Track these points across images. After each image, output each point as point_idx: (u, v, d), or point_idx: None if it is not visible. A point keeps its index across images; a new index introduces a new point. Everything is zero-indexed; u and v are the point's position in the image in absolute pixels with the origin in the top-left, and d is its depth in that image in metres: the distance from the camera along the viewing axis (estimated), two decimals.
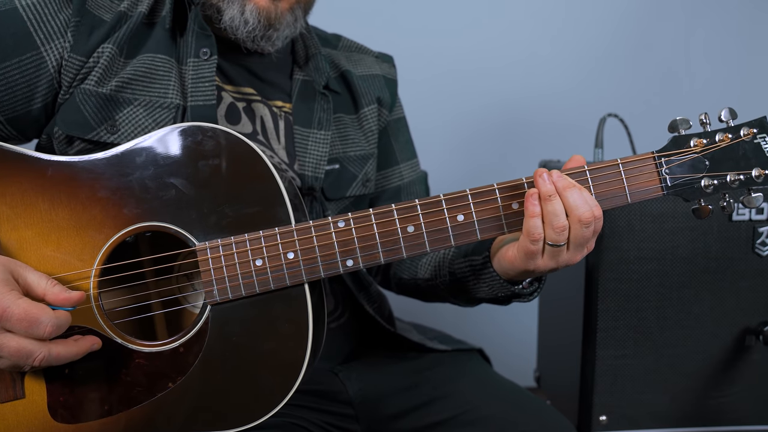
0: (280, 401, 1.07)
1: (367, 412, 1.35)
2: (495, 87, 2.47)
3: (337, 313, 1.41)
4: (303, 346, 1.07)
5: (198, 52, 1.26)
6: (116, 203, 1.08)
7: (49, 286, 1.01)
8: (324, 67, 1.42)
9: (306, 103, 1.38)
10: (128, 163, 1.08)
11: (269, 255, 1.07)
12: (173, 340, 1.08)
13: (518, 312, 2.39)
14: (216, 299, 1.07)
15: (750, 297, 1.67)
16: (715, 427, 1.71)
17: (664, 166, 1.09)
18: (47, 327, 0.97)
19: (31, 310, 0.97)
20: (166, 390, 1.08)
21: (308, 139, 1.36)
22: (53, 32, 1.19)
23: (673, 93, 2.51)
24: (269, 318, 1.08)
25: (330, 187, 1.38)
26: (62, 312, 1.00)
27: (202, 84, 1.25)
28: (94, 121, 1.20)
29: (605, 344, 1.68)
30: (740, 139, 1.07)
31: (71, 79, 1.20)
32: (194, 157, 1.08)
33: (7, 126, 1.23)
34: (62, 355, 1.02)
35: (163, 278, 1.10)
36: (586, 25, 2.47)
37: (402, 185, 1.55)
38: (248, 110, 1.33)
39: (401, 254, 1.08)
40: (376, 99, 1.51)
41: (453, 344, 1.49)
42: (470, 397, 1.32)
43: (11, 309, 0.96)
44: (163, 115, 1.22)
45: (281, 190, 1.07)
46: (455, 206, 1.08)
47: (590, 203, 1.04)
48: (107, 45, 1.21)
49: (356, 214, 1.08)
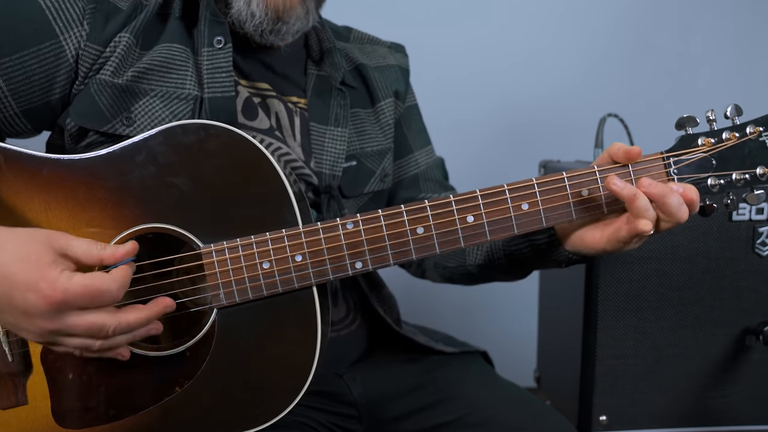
0: (288, 405, 1.05)
1: (371, 413, 1.32)
2: (494, 87, 2.46)
3: (348, 320, 1.37)
4: (312, 350, 1.04)
5: (212, 41, 1.21)
6: (116, 204, 1.03)
7: (100, 250, 0.96)
8: (340, 63, 1.37)
9: (322, 99, 1.34)
10: (128, 161, 1.03)
11: (276, 257, 1.03)
12: (179, 344, 1.05)
13: (518, 312, 2.45)
14: (223, 303, 1.04)
15: (750, 297, 1.65)
16: (715, 427, 1.69)
17: (673, 166, 1.07)
18: (111, 293, 0.93)
19: (89, 284, 0.92)
20: (173, 394, 1.05)
21: (325, 136, 1.31)
22: (72, 20, 1.14)
23: (673, 93, 2.51)
24: (277, 321, 1.05)
25: (348, 184, 1.34)
26: (119, 271, 0.95)
27: (218, 74, 1.20)
28: (110, 113, 1.15)
29: (605, 344, 1.66)
30: (747, 137, 1.05)
31: (87, 69, 1.15)
32: (197, 156, 1.03)
33: (22, 119, 1.17)
34: (134, 322, 0.97)
35: (168, 282, 1.05)
36: (585, 25, 2.46)
37: (419, 173, 1.51)
38: (264, 106, 1.28)
39: (410, 256, 1.05)
40: (394, 92, 1.46)
41: (458, 346, 1.46)
42: (474, 399, 1.30)
43: (69, 290, 0.91)
44: (181, 107, 1.17)
45: (288, 191, 1.04)
46: (465, 207, 1.05)
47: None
48: (124, 34, 1.16)
49: (365, 215, 1.05)
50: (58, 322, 0.93)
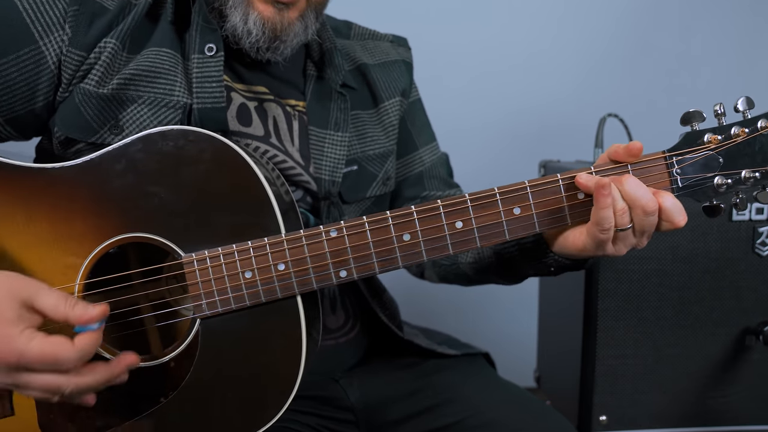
0: (274, 416, 0.99)
1: (369, 418, 1.26)
2: (494, 87, 2.41)
3: (347, 328, 1.31)
4: (297, 360, 0.98)
5: (203, 48, 1.13)
6: (98, 214, 0.97)
7: (68, 307, 0.86)
8: (341, 65, 1.29)
9: (321, 103, 1.25)
10: (108, 170, 0.97)
11: (259, 267, 0.97)
12: (163, 354, 1.00)
13: (518, 312, 2.41)
14: (205, 312, 0.98)
15: (750, 297, 1.63)
16: (715, 427, 1.67)
17: (676, 166, 0.98)
18: (69, 363, 0.85)
19: (47, 352, 0.84)
20: (159, 405, 0.99)
21: (324, 140, 1.23)
22: (52, 23, 1.05)
23: (673, 92, 2.46)
24: (261, 331, 0.99)
25: (348, 190, 1.26)
26: (84, 339, 0.87)
27: (208, 84, 1.11)
28: (96, 124, 1.08)
29: (605, 344, 1.64)
30: (758, 132, 0.96)
31: (71, 76, 1.07)
32: (177, 163, 0.97)
33: (6, 126, 1.10)
34: (92, 384, 0.90)
35: (152, 291, 1.00)
36: (586, 25, 2.42)
37: (423, 170, 1.42)
38: (260, 110, 1.20)
39: (397, 264, 0.98)
40: (401, 92, 1.38)
41: (460, 348, 1.39)
42: (474, 402, 1.24)
43: (25, 353, 0.84)
44: (169, 115, 1.10)
45: (270, 198, 0.97)
46: (454, 211, 0.98)
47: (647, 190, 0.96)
48: (110, 40, 1.08)
49: (349, 222, 0.98)
50: (13, 378, 0.87)
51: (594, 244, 0.98)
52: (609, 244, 0.98)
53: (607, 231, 0.95)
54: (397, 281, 1.65)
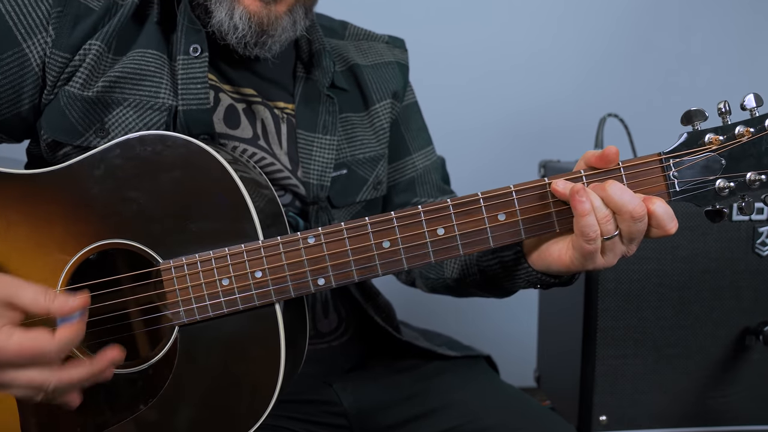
0: (253, 425, 0.93)
1: (362, 423, 1.19)
2: (494, 88, 2.36)
3: (339, 332, 1.24)
4: (275, 369, 0.92)
5: (188, 49, 1.07)
6: (77, 219, 0.93)
7: (49, 300, 0.83)
8: (328, 66, 1.21)
9: (310, 105, 1.18)
10: (87, 176, 0.92)
11: (236, 274, 0.90)
12: (142, 361, 0.94)
13: (518, 312, 2.36)
14: (183, 320, 0.92)
15: (750, 297, 1.58)
16: (715, 427, 1.63)
17: (673, 169, 0.89)
18: (51, 354, 0.82)
19: (27, 346, 0.81)
20: (138, 412, 0.94)
21: (312, 144, 1.16)
22: (35, 25, 1.00)
23: (673, 93, 2.41)
24: (239, 339, 0.93)
25: (337, 194, 1.19)
26: (64, 331, 0.83)
27: (193, 85, 1.06)
28: (82, 127, 1.02)
29: (605, 344, 1.59)
30: (765, 132, 0.87)
31: (55, 78, 1.02)
32: (155, 168, 0.92)
33: None
34: (76, 378, 0.85)
35: (131, 298, 0.95)
36: (586, 25, 2.37)
37: (416, 176, 1.33)
38: (248, 112, 1.14)
39: (376, 272, 0.91)
40: (392, 94, 1.29)
41: (461, 350, 1.32)
42: (472, 407, 1.17)
43: (6, 349, 0.80)
44: (155, 118, 1.04)
45: (248, 204, 0.91)
46: (435, 218, 0.90)
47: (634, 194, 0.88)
48: (94, 42, 1.02)
49: (327, 228, 0.91)
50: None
51: (582, 257, 0.89)
52: (598, 256, 0.89)
53: (593, 241, 0.87)
54: (396, 281, 1.58)
